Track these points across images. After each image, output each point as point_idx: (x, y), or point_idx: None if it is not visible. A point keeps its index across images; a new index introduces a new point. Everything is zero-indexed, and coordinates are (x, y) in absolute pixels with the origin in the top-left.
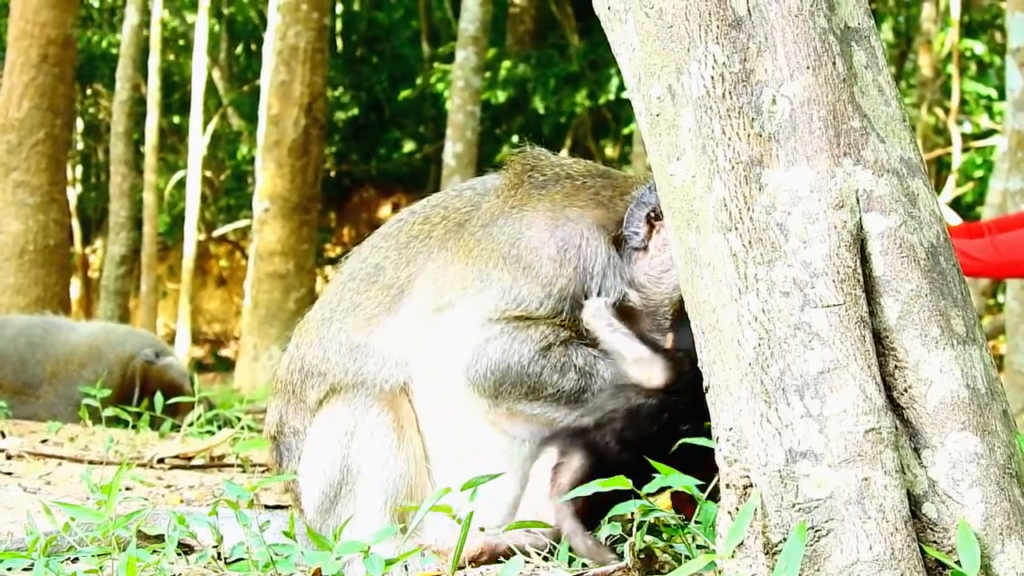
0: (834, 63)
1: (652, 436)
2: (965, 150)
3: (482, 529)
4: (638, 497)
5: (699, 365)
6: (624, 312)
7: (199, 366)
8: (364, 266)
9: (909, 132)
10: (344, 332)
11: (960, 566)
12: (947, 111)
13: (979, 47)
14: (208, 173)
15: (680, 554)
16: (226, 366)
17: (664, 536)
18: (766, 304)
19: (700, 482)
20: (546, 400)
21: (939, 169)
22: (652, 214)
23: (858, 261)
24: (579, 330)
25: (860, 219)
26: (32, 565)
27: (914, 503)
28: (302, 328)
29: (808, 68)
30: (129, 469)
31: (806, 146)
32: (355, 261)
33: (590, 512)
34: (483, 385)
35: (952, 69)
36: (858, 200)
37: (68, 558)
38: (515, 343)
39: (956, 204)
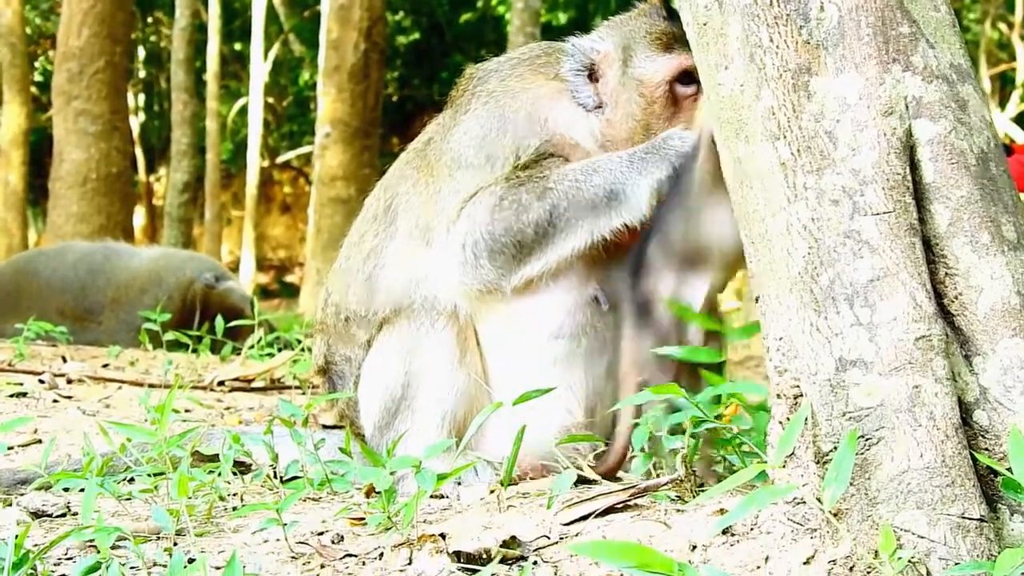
0: None
1: None
2: None
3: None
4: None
5: None
6: None
7: (264, 292)
8: (371, 200)
9: (959, 38)
10: (364, 270)
11: (1012, 473)
12: (1011, 26)
13: None
14: (270, 99)
15: (732, 465)
16: (291, 292)
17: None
18: (815, 213)
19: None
20: (539, 244)
21: (1003, 84)
22: (587, 70)
23: (908, 168)
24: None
25: (909, 126)
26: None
27: (965, 411)
28: (332, 276)
29: None
30: (186, 391)
31: (854, 53)
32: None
33: None
34: (482, 272)
35: None
36: (907, 107)
37: (124, 478)
38: (475, 216)
39: (1021, 119)
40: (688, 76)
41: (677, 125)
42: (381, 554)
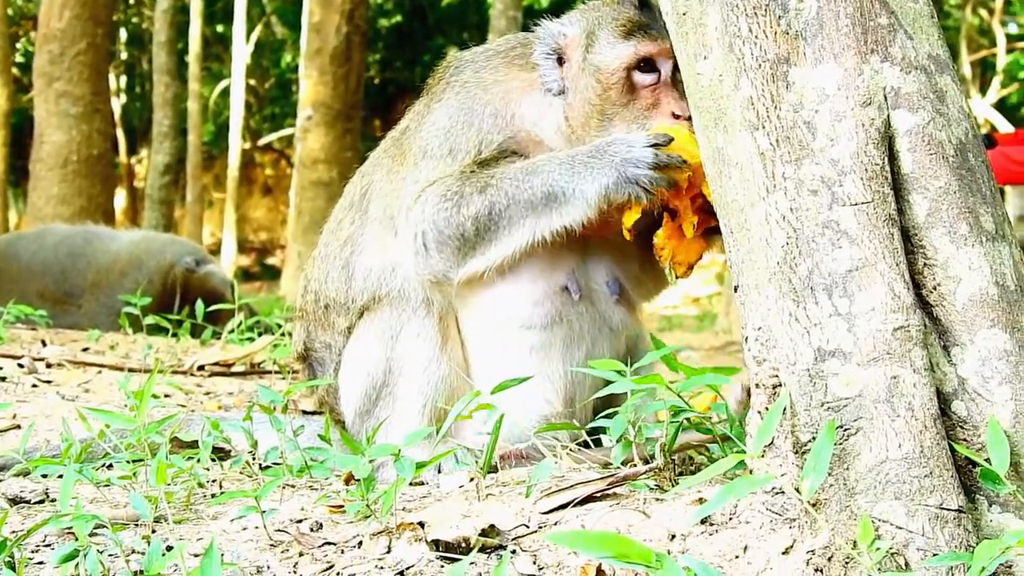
0: None
1: None
2: (1010, 51)
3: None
4: None
5: None
6: None
7: (246, 275)
8: (350, 186)
9: (937, 28)
10: (341, 257)
11: (990, 464)
12: (991, 11)
13: None
14: (252, 81)
15: (712, 454)
16: (272, 274)
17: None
18: (794, 203)
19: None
20: (481, 239)
21: (984, 70)
22: (556, 54)
23: (886, 159)
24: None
25: (888, 116)
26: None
27: (943, 401)
28: (311, 263)
29: None
30: (165, 375)
31: (833, 44)
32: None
33: None
34: (432, 262)
35: None
36: (886, 97)
37: (103, 464)
38: (425, 207)
39: (1001, 105)
40: (648, 64)
41: (634, 113)
42: (360, 542)
